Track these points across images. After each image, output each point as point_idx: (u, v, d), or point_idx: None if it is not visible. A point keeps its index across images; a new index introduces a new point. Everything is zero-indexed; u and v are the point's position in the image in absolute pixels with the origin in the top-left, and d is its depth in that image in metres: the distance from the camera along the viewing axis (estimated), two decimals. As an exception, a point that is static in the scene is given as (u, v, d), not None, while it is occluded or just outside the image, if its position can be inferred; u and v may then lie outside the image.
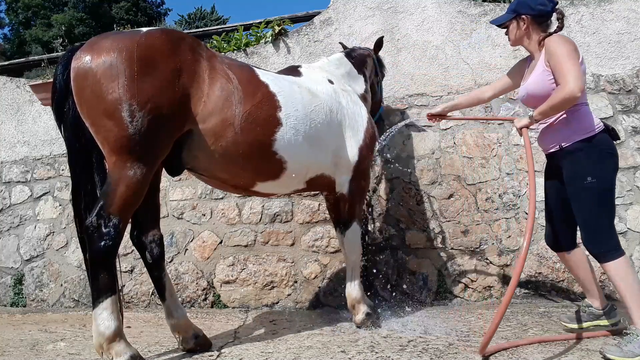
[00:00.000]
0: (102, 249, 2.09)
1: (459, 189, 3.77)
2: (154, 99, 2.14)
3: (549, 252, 3.55)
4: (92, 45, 2.20)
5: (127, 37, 2.20)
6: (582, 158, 2.32)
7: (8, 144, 4.55)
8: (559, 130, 2.41)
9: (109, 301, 2.12)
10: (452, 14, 4.03)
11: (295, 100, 2.63)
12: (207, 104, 2.32)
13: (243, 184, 2.64)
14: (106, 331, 2.11)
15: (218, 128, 2.34)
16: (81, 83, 2.15)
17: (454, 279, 3.65)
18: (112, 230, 2.10)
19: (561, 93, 2.22)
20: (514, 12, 2.49)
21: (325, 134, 2.77)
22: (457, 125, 3.88)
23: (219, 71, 2.40)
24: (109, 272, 2.14)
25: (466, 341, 2.58)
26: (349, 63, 3.28)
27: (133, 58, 2.13)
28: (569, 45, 2.28)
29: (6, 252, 4.35)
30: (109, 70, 2.11)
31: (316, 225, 3.85)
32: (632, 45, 3.80)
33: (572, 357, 2.27)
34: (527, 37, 2.49)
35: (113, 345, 2.12)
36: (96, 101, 2.12)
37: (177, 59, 2.25)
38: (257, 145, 2.46)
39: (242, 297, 3.82)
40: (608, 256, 2.28)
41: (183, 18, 26.14)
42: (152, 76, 2.15)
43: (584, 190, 2.31)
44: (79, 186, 2.29)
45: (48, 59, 4.62)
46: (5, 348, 2.82)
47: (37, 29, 23.45)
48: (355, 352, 2.48)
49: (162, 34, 2.29)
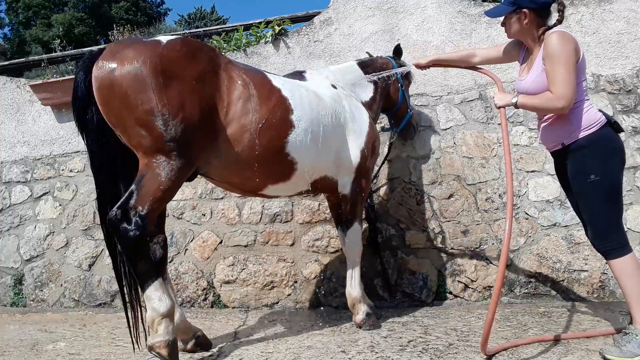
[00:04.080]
0: (130, 238, 2.14)
1: (459, 189, 3.77)
2: (184, 107, 2.19)
3: (548, 252, 3.56)
4: (114, 55, 2.21)
5: (148, 48, 2.22)
6: (585, 155, 2.28)
7: (8, 144, 4.55)
8: (559, 128, 2.36)
9: (157, 284, 2.20)
10: (452, 14, 4.03)
11: (305, 103, 2.69)
12: (227, 112, 2.38)
13: (254, 187, 2.68)
14: (160, 307, 2.18)
15: (237, 134, 2.40)
16: (106, 94, 2.18)
17: (454, 279, 3.65)
18: (138, 220, 2.14)
19: (549, 102, 2.23)
20: (514, 5, 2.35)
21: (331, 136, 2.81)
22: (457, 126, 3.88)
23: (236, 78, 2.45)
24: (146, 259, 2.21)
25: (466, 341, 2.58)
26: (359, 70, 3.28)
27: (158, 70, 2.17)
28: (567, 49, 2.19)
29: (6, 252, 4.35)
30: (136, 82, 2.14)
31: (316, 225, 3.85)
32: (632, 45, 3.80)
33: (572, 357, 2.27)
34: (527, 31, 2.38)
35: (163, 323, 2.18)
36: (126, 112, 2.16)
37: (198, 69, 2.29)
38: (271, 149, 2.51)
39: (242, 297, 3.82)
40: (614, 253, 2.25)
41: (183, 18, 26.10)
42: (178, 86, 2.20)
43: (588, 187, 2.28)
44: (104, 192, 2.33)
45: (48, 59, 4.62)
46: (5, 348, 2.82)
47: (37, 29, 23.42)
48: (355, 352, 2.48)
49: (182, 46, 2.32)
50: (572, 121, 2.30)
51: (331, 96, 2.93)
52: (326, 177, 2.89)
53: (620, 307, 3.12)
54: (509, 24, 2.44)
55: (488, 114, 3.86)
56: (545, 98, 2.25)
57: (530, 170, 3.71)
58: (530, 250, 3.60)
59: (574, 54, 2.21)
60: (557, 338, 2.54)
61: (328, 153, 2.82)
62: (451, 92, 3.95)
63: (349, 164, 2.93)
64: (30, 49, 20.13)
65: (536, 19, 2.34)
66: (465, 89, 3.93)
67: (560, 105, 2.20)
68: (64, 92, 4.23)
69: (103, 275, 4.10)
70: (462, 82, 3.95)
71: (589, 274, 3.48)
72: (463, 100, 3.92)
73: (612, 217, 2.29)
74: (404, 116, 3.53)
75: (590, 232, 2.36)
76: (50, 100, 4.32)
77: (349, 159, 2.93)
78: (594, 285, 3.47)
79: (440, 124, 3.90)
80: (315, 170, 2.79)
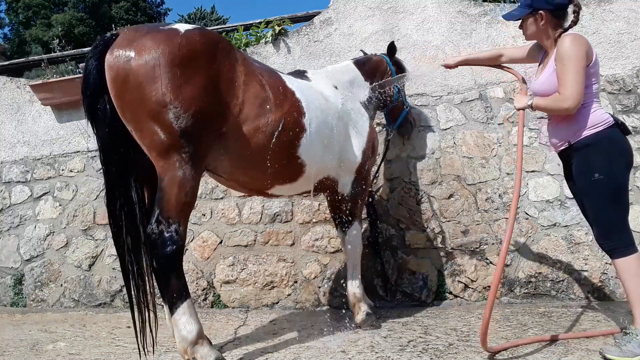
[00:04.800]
0: (168, 254, 2.07)
1: (459, 189, 3.77)
2: (197, 102, 2.10)
3: (548, 252, 3.56)
4: (130, 42, 2.09)
5: (165, 37, 2.12)
6: (590, 154, 2.30)
7: (8, 144, 4.55)
8: (566, 127, 2.38)
9: (186, 305, 2.12)
10: (452, 14, 4.03)
11: (315, 105, 2.69)
12: (242, 109, 2.31)
13: (261, 187, 2.65)
14: (189, 335, 2.10)
15: (250, 134, 2.34)
16: (121, 84, 2.07)
17: (454, 279, 3.65)
18: (174, 234, 2.08)
19: (557, 103, 2.28)
20: (530, 7, 2.39)
21: (336, 138, 2.82)
22: (457, 126, 3.88)
23: (253, 77, 2.39)
24: (179, 276, 2.13)
25: (466, 341, 2.58)
26: (356, 70, 3.27)
27: (176, 61, 2.08)
28: (577, 51, 2.23)
29: (6, 252, 4.35)
30: (152, 72, 2.04)
31: (316, 225, 3.85)
32: (632, 45, 3.80)
33: (572, 357, 2.27)
34: (544, 33, 2.42)
35: (197, 349, 2.11)
36: (140, 104, 2.05)
37: (215, 63, 2.22)
38: (284, 151, 2.49)
39: (242, 297, 3.82)
40: (618, 252, 2.25)
41: (183, 18, 26.15)
42: (194, 79, 2.11)
43: (591, 186, 2.29)
44: (115, 187, 2.21)
45: (48, 59, 4.62)
46: (5, 348, 2.83)
47: (37, 29, 23.42)
48: (355, 352, 2.48)
49: (201, 37, 2.22)
50: (578, 120, 2.33)
51: (335, 97, 2.94)
52: (329, 177, 2.90)
53: (621, 307, 3.13)
54: (525, 26, 2.48)
55: (488, 114, 3.86)
56: (553, 99, 2.31)
57: (530, 170, 3.71)
58: (531, 250, 3.60)
59: (584, 57, 2.25)
60: (557, 338, 2.54)
61: (332, 154, 2.82)
62: (451, 92, 3.95)
63: (350, 164, 2.94)
64: (30, 49, 20.14)
65: (552, 20, 2.38)
66: (465, 89, 3.93)
67: (566, 106, 2.24)
68: (64, 92, 4.23)
69: (103, 275, 4.10)
70: (462, 82, 3.95)
71: (589, 274, 3.48)
72: (463, 100, 3.92)
73: (616, 216, 2.28)
74: (401, 112, 3.51)
75: (595, 231, 2.37)
76: (50, 100, 4.32)
77: (350, 160, 2.93)
78: (594, 285, 3.47)
79: (440, 124, 3.90)
80: (321, 171, 2.79)
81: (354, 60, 3.41)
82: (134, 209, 2.24)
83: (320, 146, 2.69)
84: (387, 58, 3.47)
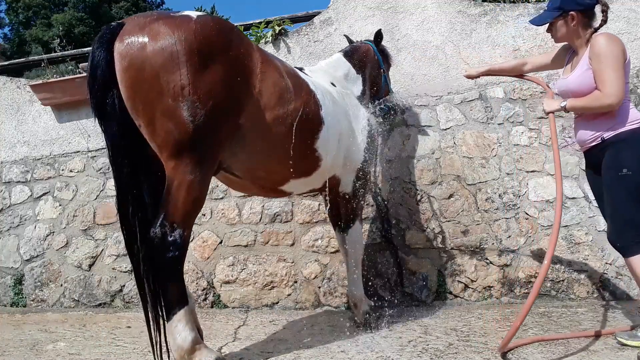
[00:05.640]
0: (169, 260, 1.99)
1: (459, 189, 3.77)
2: (214, 95, 1.97)
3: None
4: (142, 28, 1.91)
5: (181, 24, 1.95)
6: (622, 148, 2.29)
7: (8, 144, 4.55)
8: (600, 122, 2.36)
9: (182, 312, 2.04)
10: (452, 14, 4.03)
11: (328, 100, 2.66)
12: (260, 99, 2.17)
13: (276, 182, 2.55)
14: (184, 344, 2.03)
15: (270, 125, 2.22)
16: (135, 73, 1.89)
17: (454, 279, 3.65)
18: (177, 239, 1.99)
19: (599, 101, 2.27)
20: (560, 10, 2.39)
21: (344, 134, 2.80)
22: (457, 126, 3.87)
23: (271, 64, 2.28)
24: (179, 283, 2.06)
25: (466, 341, 2.58)
26: (347, 63, 3.19)
27: (194, 49, 1.91)
28: (616, 50, 2.24)
29: (6, 252, 4.35)
30: (170, 62, 1.87)
31: (316, 225, 3.85)
32: (632, 45, 3.80)
33: (572, 357, 2.27)
34: (574, 33, 2.42)
35: (195, 355, 2.05)
36: (156, 96, 1.89)
37: (231, 50, 2.08)
38: (304, 142, 2.42)
39: (242, 297, 3.82)
40: (631, 250, 2.25)
41: (183, 18, 26.12)
42: (211, 70, 1.97)
43: (617, 180, 2.28)
44: (126, 189, 2.06)
45: (48, 59, 4.62)
46: (5, 348, 2.82)
47: (37, 29, 23.42)
48: (355, 352, 2.48)
49: (215, 24, 2.07)
50: (614, 116, 2.32)
51: (337, 94, 2.91)
52: (334, 176, 2.86)
53: (621, 307, 3.13)
54: (555, 29, 2.48)
55: (488, 114, 3.86)
56: (594, 97, 2.30)
57: (530, 170, 3.71)
58: (531, 250, 3.60)
59: (622, 55, 2.26)
60: (557, 338, 2.54)
61: (340, 151, 2.78)
62: (451, 92, 3.95)
63: (353, 162, 2.91)
64: (30, 49, 20.12)
65: (583, 20, 2.39)
66: (465, 89, 3.92)
67: (609, 102, 2.24)
68: (64, 92, 4.23)
69: (103, 275, 4.10)
70: (462, 82, 3.95)
71: (589, 274, 3.48)
72: (463, 100, 3.91)
73: (632, 214, 2.27)
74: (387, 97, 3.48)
75: (609, 227, 2.36)
76: (50, 100, 4.32)
77: (353, 158, 2.90)
78: (594, 285, 3.47)
79: (440, 124, 3.90)
80: (332, 168, 2.76)
81: (342, 52, 3.28)
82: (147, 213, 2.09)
83: (335, 141, 2.65)
84: (374, 46, 3.40)
